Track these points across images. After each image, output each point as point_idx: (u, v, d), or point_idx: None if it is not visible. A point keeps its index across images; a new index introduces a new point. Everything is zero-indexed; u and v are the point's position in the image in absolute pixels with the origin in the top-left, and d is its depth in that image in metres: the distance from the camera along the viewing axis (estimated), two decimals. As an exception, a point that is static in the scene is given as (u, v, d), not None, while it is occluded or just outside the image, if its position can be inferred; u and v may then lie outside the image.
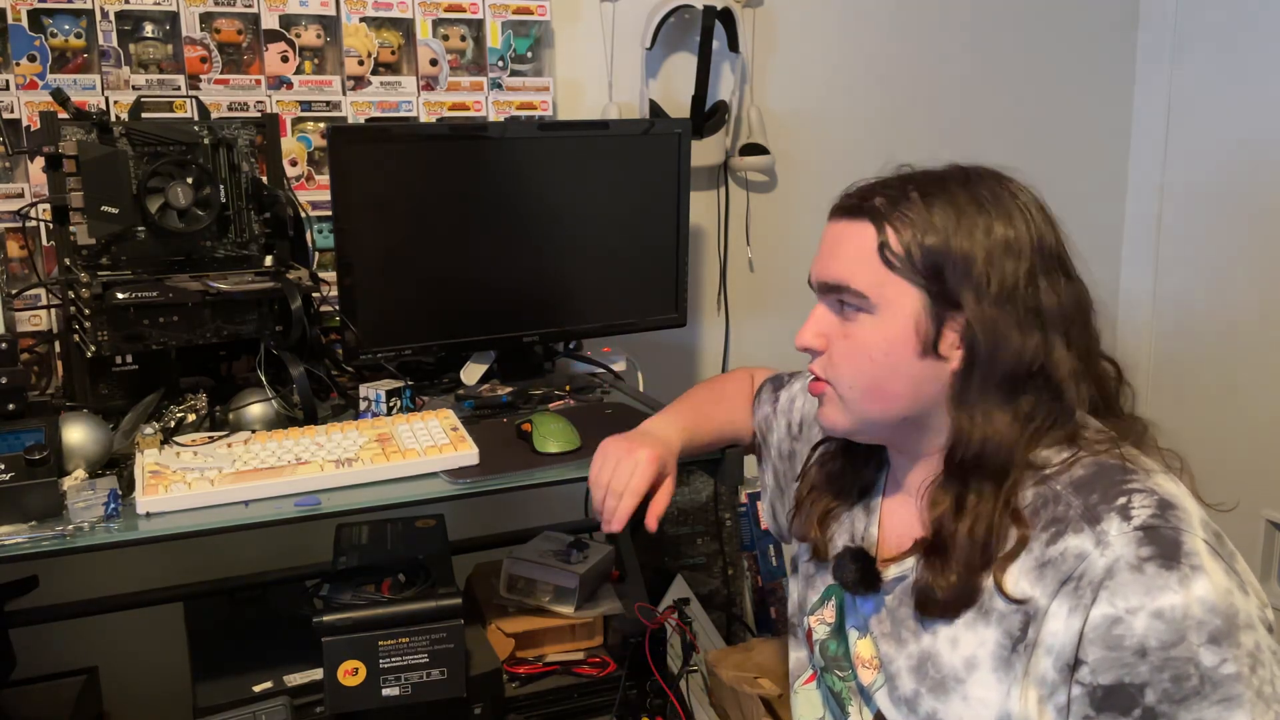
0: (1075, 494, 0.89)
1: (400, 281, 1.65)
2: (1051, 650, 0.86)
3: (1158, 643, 0.81)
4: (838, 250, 0.98)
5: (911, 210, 0.93)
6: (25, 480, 1.21)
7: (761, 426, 1.33)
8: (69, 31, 1.64)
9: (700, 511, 1.83)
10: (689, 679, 1.45)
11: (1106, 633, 0.83)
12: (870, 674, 1.02)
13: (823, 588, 1.11)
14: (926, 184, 0.96)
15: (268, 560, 1.73)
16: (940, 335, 0.93)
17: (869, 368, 0.96)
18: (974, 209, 0.93)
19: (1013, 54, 2.40)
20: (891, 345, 0.94)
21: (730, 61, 2.10)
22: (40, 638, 1.66)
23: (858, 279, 0.95)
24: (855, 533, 1.08)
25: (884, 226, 0.94)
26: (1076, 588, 0.85)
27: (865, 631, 1.04)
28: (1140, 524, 0.84)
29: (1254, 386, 2.39)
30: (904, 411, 0.98)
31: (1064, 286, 0.94)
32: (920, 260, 0.92)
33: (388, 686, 1.30)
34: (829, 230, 1.00)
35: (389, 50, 1.84)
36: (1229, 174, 2.41)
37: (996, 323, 0.91)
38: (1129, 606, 0.82)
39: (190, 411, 1.46)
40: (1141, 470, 0.90)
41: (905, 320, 0.94)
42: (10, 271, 1.65)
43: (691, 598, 1.54)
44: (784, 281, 2.25)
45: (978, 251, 0.92)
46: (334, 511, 1.28)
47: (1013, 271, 0.92)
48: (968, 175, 0.97)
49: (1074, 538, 0.87)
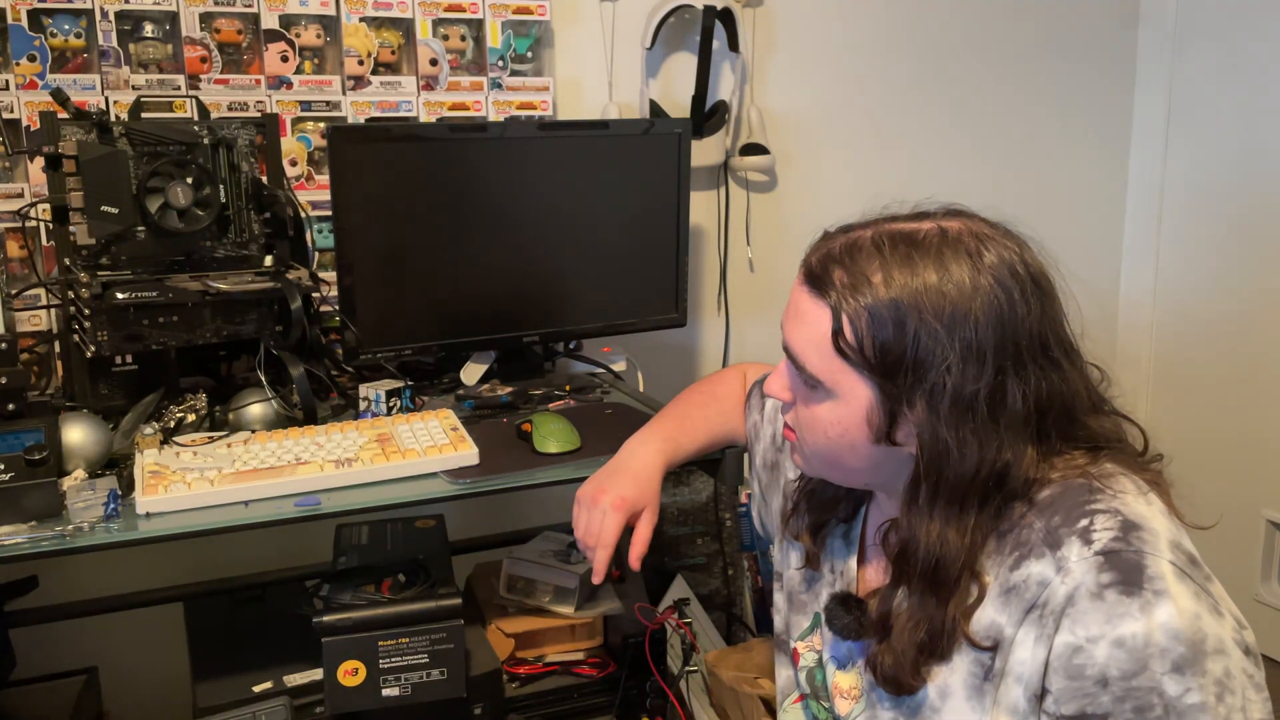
0: (1038, 516, 0.87)
1: (400, 281, 1.65)
2: (1020, 679, 0.85)
3: (1119, 672, 0.80)
4: (798, 324, 0.94)
5: (869, 299, 0.87)
6: (25, 480, 1.21)
7: (751, 433, 1.32)
8: (69, 31, 1.64)
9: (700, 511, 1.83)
10: (689, 679, 1.45)
11: (1068, 662, 0.82)
12: (848, 704, 1.02)
13: (812, 614, 1.11)
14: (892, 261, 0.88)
15: (268, 560, 1.74)
16: (894, 427, 0.90)
17: (825, 443, 0.95)
18: (937, 302, 0.86)
19: (1013, 53, 2.40)
20: (845, 429, 0.92)
21: (730, 61, 2.10)
22: (40, 638, 1.66)
23: (811, 363, 0.92)
24: (837, 567, 1.07)
25: (840, 315, 0.89)
26: (1040, 616, 0.84)
27: (846, 664, 1.03)
28: (1101, 548, 0.82)
29: (1254, 386, 2.39)
30: (866, 481, 0.99)
31: (1041, 380, 0.88)
32: (873, 357, 0.88)
33: (388, 686, 1.30)
34: (795, 291, 0.95)
35: (389, 50, 1.84)
36: (1229, 174, 2.41)
37: (947, 438, 0.87)
38: (1089, 635, 0.81)
39: (190, 411, 1.46)
40: (1108, 490, 0.87)
41: (858, 409, 0.91)
42: (10, 271, 1.65)
43: (691, 598, 1.54)
44: (784, 281, 2.23)
45: (934, 358, 0.86)
46: (334, 511, 1.29)
47: (974, 379, 0.86)
48: (943, 241, 0.89)
49: (1035, 563, 0.85)
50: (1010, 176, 2.44)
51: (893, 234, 0.90)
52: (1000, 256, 0.89)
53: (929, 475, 0.88)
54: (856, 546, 1.06)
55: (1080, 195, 2.56)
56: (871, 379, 0.89)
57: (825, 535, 1.09)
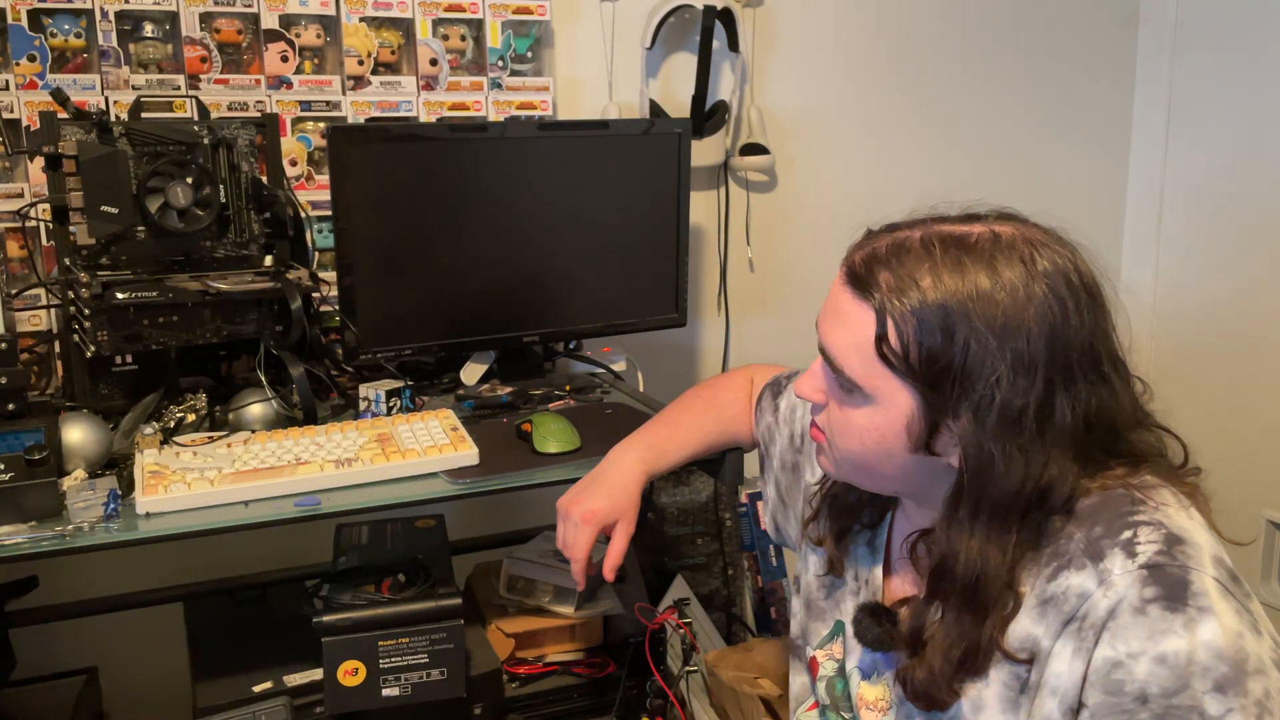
0: (1078, 526, 0.85)
1: (400, 281, 1.65)
2: (1056, 692, 0.83)
3: (1159, 690, 0.78)
4: (838, 325, 0.91)
5: (917, 303, 0.84)
6: (25, 480, 1.21)
7: (764, 437, 1.30)
8: (69, 31, 1.64)
9: (700, 511, 1.83)
10: (689, 679, 1.45)
11: (1106, 677, 0.80)
12: (875, 716, 1.00)
13: (832, 621, 1.08)
14: (943, 264, 0.85)
15: (268, 560, 1.74)
16: (934, 437, 0.88)
17: (859, 450, 0.92)
18: (989, 308, 0.83)
19: (1013, 53, 2.40)
20: (882, 436, 0.89)
21: (730, 61, 2.10)
22: (40, 638, 1.66)
23: (851, 367, 0.89)
24: (861, 575, 1.05)
25: (884, 319, 0.86)
26: (1079, 629, 0.82)
27: (873, 674, 1.01)
28: (1145, 562, 0.80)
29: (1254, 386, 2.39)
30: (897, 489, 0.96)
31: (1091, 395, 0.85)
32: (918, 365, 0.85)
33: (388, 686, 1.30)
34: (835, 289, 0.92)
35: (389, 50, 1.84)
36: (1229, 174, 2.41)
37: (993, 452, 0.84)
38: (1130, 651, 0.79)
39: (190, 411, 1.46)
40: (1150, 502, 0.85)
41: (898, 416, 0.88)
42: (10, 271, 1.65)
43: (691, 598, 1.54)
44: (784, 281, 2.25)
45: (984, 369, 0.83)
46: (334, 511, 1.28)
47: (1023, 393, 0.83)
48: (997, 247, 0.86)
49: (1075, 575, 0.83)
50: (1010, 176, 2.44)
51: (943, 236, 0.87)
52: (1054, 264, 0.86)
53: (971, 490, 0.86)
54: (882, 555, 1.04)
55: (1080, 195, 2.55)
56: (914, 387, 0.86)
57: (849, 542, 1.06)
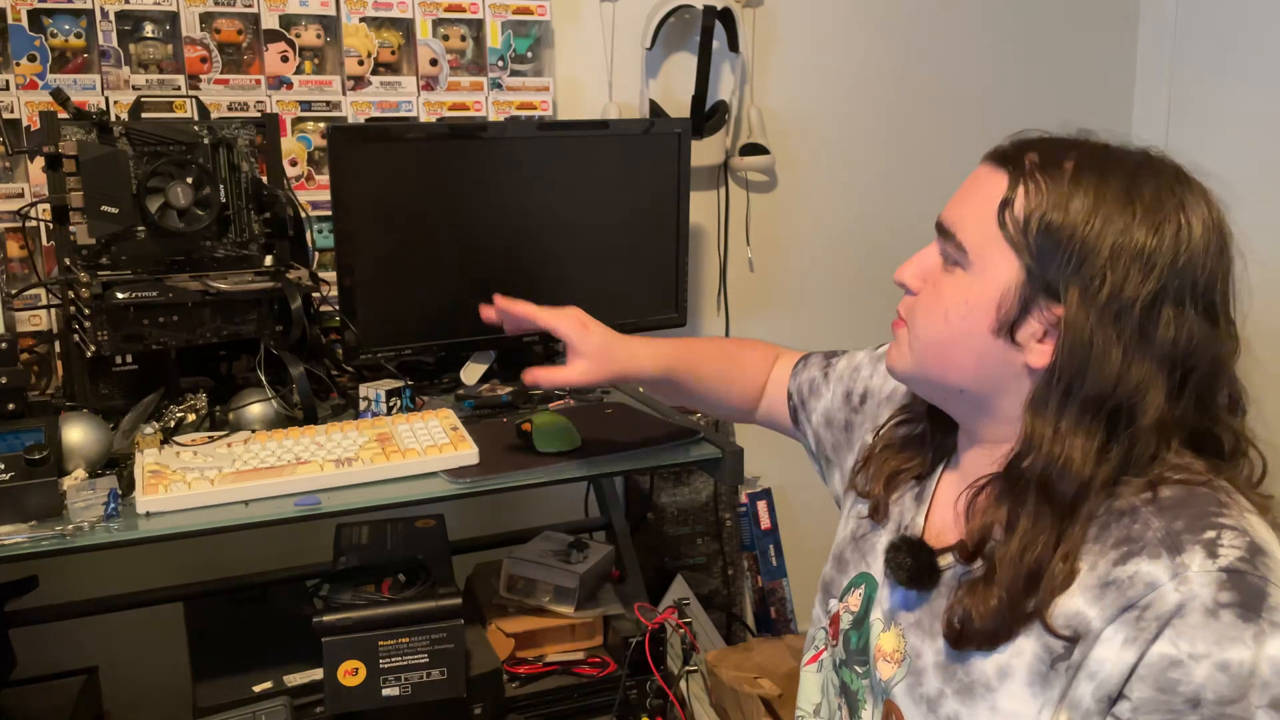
0: (1157, 515, 0.82)
1: (400, 281, 1.65)
2: (1095, 677, 0.81)
3: (1215, 696, 0.76)
4: (968, 195, 0.90)
5: (1054, 179, 0.84)
6: (25, 480, 1.21)
7: (802, 389, 1.25)
8: (69, 31, 1.64)
9: (700, 511, 1.83)
10: (689, 679, 1.46)
11: (1161, 674, 0.77)
12: (891, 668, 0.97)
13: (854, 573, 1.06)
14: (1090, 157, 0.86)
15: (268, 560, 1.74)
16: (1022, 320, 0.85)
17: (941, 325, 0.90)
18: (1122, 201, 0.83)
19: (1012, 54, 2.40)
20: (969, 310, 0.88)
21: (730, 61, 2.10)
22: (40, 638, 1.66)
23: (966, 230, 0.88)
24: (902, 521, 1.03)
25: (1017, 185, 0.85)
26: (1139, 618, 0.79)
27: (891, 623, 0.99)
28: (1227, 565, 0.78)
29: (1253, 387, 2.39)
30: (964, 383, 0.91)
31: (1195, 325, 0.84)
32: (1035, 234, 0.83)
33: (388, 686, 1.30)
34: (974, 174, 0.91)
35: (389, 50, 1.84)
36: (1229, 174, 2.40)
37: (1094, 336, 0.82)
38: (1193, 652, 0.76)
39: (190, 411, 1.46)
40: (1236, 506, 0.82)
41: (993, 290, 0.86)
42: (10, 271, 1.65)
43: (691, 598, 1.54)
44: (784, 281, 2.25)
45: (1102, 248, 0.82)
46: (334, 511, 1.28)
47: (1135, 285, 0.81)
48: (1146, 164, 0.87)
49: (1147, 563, 0.80)
50: (1010, 176, 2.44)
51: (1094, 144, 0.89)
52: (1199, 197, 0.87)
53: (1064, 375, 0.83)
54: (926, 506, 1.01)
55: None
56: (1022, 259, 0.84)
57: (897, 490, 1.04)
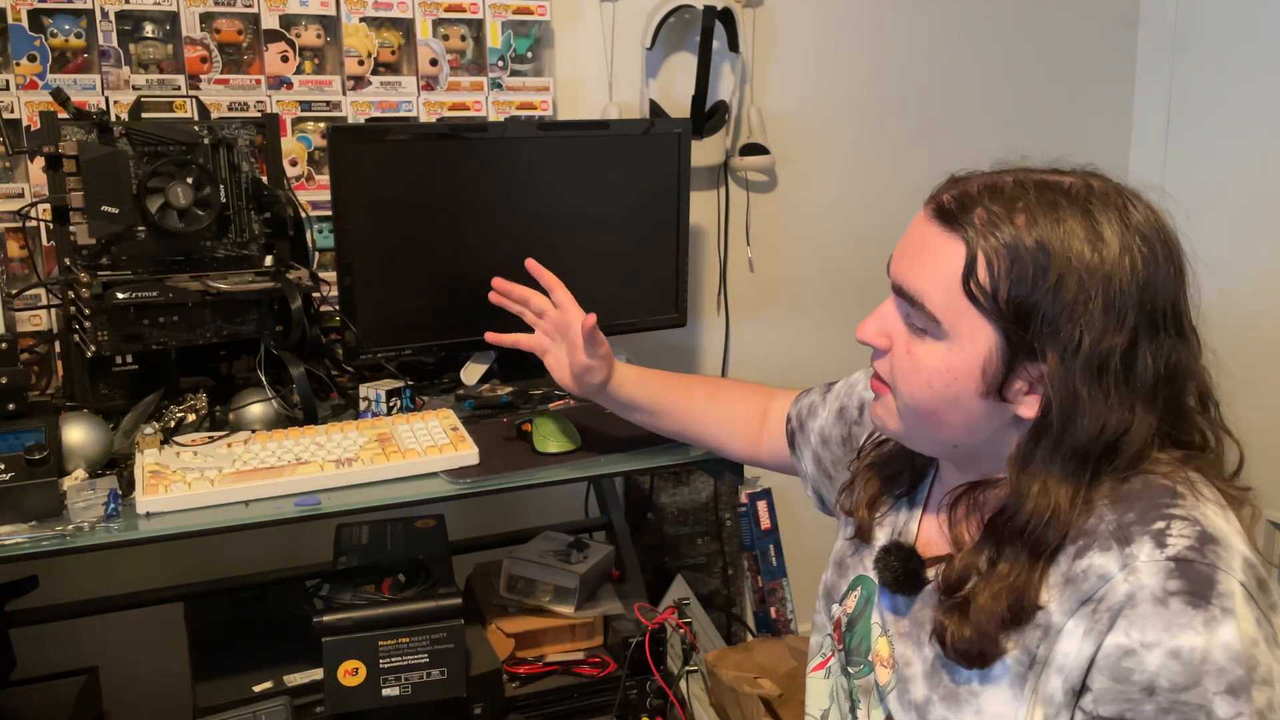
0: (1111, 508, 0.84)
1: (400, 281, 1.65)
2: (1061, 670, 0.83)
3: (1169, 684, 0.77)
4: (921, 259, 0.89)
5: (1010, 239, 0.83)
6: (25, 480, 1.21)
7: (802, 413, 1.27)
8: (69, 31, 1.64)
9: (700, 511, 1.83)
10: (689, 679, 1.46)
11: (1116, 664, 0.79)
12: (886, 674, 0.99)
13: (852, 576, 1.07)
14: (1038, 205, 0.85)
15: (268, 560, 1.74)
16: (1009, 381, 0.86)
17: (927, 393, 0.89)
18: (1083, 251, 0.82)
19: (1013, 54, 2.40)
20: (954, 378, 0.87)
21: (730, 61, 2.10)
22: (40, 638, 1.66)
23: (933, 301, 0.87)
24: (896, 526, 1.04)
25: (976, 253, 0.84)
26: (1094, 610, 0.81)
27: (883, 630, 1.00)
28: (1174, 554, 0.79)
29: (1251, 386, 2.38)
30: (957, 440, 0.93)
31: (1169, 348, 0.85)
32: (1005, 302, 0.83)
33: (388, 686, 1.30)
34: (918, 226, 0.90)
35: (389, 50, 1.84)
36: (1229, 174, 2.41)
37: (1078, 393, 0.83)
38: (1144, 640, 0.78)
39: (190, 411, 1.46)
40: (1190, 497, 0.83)
41: (974, 357, 0.86)
42: (10, 271, 1.65)
43: (691, 598, 1.54)
44: (784, 281, 2.25)
45: (1075, 309, 0.82)
46: (334, 511, 1.29)
47: (1111, 336, 0.82)
48: (1089, 195, 0.86)
49: (1099, 556, 0.82)
50: (1010, 176, 2.44)
51: (1037, 180, 0.88)
52: (1146, 217, 0.87)
53: (1053, 429, 0.84)
54: (919, 512, 1.02)
55: (1080, 195, 2.56)
56: (998, 325, 0.84)
57: (882, 509, 1.05)
